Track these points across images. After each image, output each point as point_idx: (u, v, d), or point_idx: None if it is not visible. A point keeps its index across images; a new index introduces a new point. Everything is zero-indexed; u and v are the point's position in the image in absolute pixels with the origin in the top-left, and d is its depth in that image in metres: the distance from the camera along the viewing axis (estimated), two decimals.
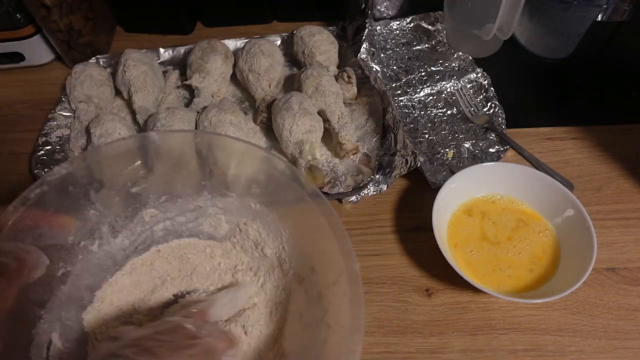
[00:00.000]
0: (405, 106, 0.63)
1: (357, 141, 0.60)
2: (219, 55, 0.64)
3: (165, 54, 0.70)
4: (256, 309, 0.43)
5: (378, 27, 0.72)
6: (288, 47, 0.70)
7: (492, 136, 0.60)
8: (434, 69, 0.67)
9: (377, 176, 0.55)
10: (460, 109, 0.63)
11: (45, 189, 0.36)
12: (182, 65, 0.68)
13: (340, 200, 0.55)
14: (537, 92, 0.67)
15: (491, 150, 0.59)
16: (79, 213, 0.40)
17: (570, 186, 0.55)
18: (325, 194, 0.53)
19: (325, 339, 0.36)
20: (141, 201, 0.44)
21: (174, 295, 0.44)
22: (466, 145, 0.59)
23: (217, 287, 0.45)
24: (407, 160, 0.53)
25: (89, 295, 0.42)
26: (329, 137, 0.58)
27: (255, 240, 0.45)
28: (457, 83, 0.66)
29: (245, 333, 0.41)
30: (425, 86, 0.65)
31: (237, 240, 0.47)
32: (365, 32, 0.64)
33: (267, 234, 0.45)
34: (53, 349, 0.37)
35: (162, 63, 0.70)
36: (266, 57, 0.63)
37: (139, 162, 0.41)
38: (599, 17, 0.66)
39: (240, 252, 0.47)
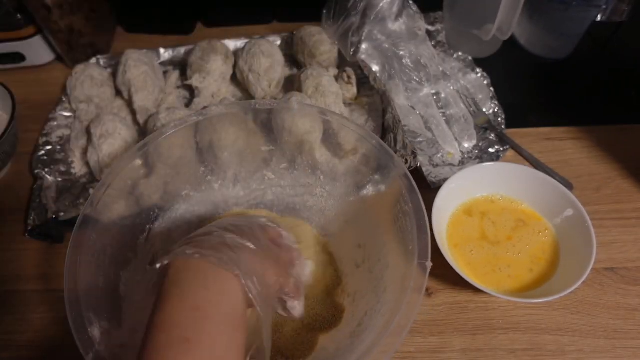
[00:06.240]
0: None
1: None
2: (220, 55, 0.64)
3: (165, 54, 0.70)
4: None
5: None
6: (288, 48, 0.70)
7: (492, 136, 0.60)
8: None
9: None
10: (460, 108, 0.63)
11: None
12: (182, 66, 0.68)
13: None
14: (537, 92, 0.67)
15: (491, 150, 0.59)
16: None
17: (569, 186, 0.55)
18: None
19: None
20: (266, 162, 0.52)
21: None
22: (466, 145, 0.60)
23: None
24: (406, 160, 0.53)
25: (197, 222, 0.51)
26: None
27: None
28: (457, 83, 0.66)
29: None
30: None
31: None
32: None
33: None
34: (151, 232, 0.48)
35: (162, 63, 0.70)
36: (266, 57, 0.63)
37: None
38: (599, 18, 0.66)
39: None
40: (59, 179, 0.57)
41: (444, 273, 0.47)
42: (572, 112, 0.64)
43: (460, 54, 0.69)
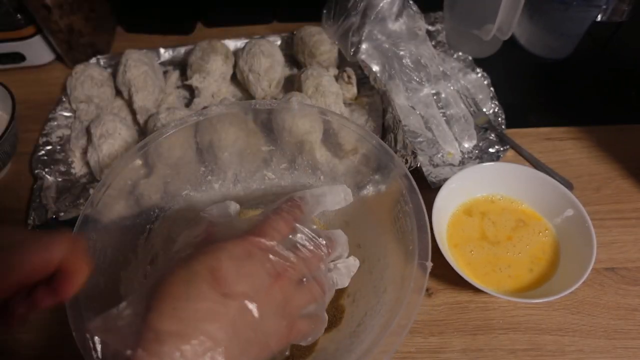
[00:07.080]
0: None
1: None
2: (219, 55, 0.64)
3: (165, 54, 0.70)
4: None
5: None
6: (288, 48, 0.70)
7: (492, 136, 0.60)
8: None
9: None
10: (461, 108, 0.63)
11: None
12: (182, 66, 0.68)
13: None
14: (537, 92, 0.67)
15: (491, 150, 0.59)
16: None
17: (569, 186, 0.55)
18: None
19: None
20: (266, 162, 0.52)
21: None
22: (466, 145, 0.60)
23: None
24: (407, 160, 0.53)
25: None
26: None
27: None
28: (457, 83, 0.66)
29: None
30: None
31: None
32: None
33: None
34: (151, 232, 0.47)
35: (162, 63, 0.70)
36: (266, 57, 0.63)
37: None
38: (599, 18, 0.66)
39: None
40: (59, 179, 0.57)
41: (444, 273, 0.47)
42: (572, 112, 0.64)
43: (460, 54, 0.69)
